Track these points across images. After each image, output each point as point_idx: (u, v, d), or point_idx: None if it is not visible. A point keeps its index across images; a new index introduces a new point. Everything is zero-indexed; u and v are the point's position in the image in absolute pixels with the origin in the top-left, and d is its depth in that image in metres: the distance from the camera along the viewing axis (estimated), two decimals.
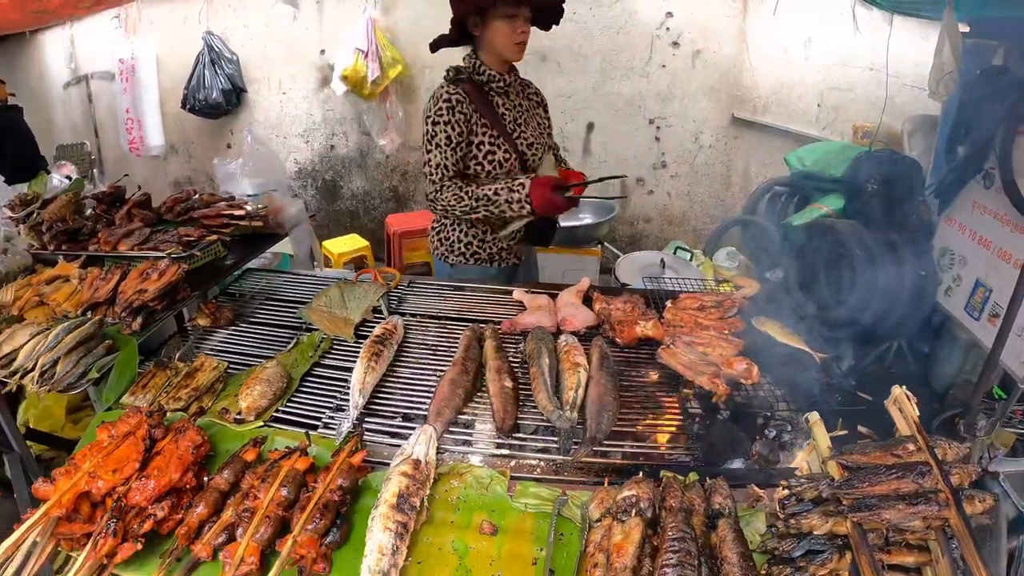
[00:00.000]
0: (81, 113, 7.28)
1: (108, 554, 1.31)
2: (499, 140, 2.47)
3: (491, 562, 1.32)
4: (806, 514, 1.21)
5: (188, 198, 2.92)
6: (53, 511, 1.33)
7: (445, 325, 2.36)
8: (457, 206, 2.41)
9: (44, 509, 1.33)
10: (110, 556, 1.31)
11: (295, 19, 5.70)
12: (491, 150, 2.46)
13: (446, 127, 2.38)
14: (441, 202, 2.44)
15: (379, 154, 6.04)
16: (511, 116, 2.53)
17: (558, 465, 1.62)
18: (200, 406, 1.87)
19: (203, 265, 2.61)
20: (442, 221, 2.79)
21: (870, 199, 3.50)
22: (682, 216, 5.52)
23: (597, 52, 5.07)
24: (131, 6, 6.08)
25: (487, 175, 2.49)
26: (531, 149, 2.57)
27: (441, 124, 2.38)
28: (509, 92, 2.53)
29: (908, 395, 1.37)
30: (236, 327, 2.40)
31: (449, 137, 2.38)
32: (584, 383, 1.84)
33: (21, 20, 2.32)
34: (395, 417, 1.83)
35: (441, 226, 2.79)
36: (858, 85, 4.10)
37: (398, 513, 1.32)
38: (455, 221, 2.70)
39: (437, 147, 2.40)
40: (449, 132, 2.38)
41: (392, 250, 5.38)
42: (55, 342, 1.91)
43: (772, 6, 4.41)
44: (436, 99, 2.42)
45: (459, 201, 2.40)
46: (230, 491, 1.47)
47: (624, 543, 1.22)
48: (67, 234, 2.74)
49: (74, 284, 2.37)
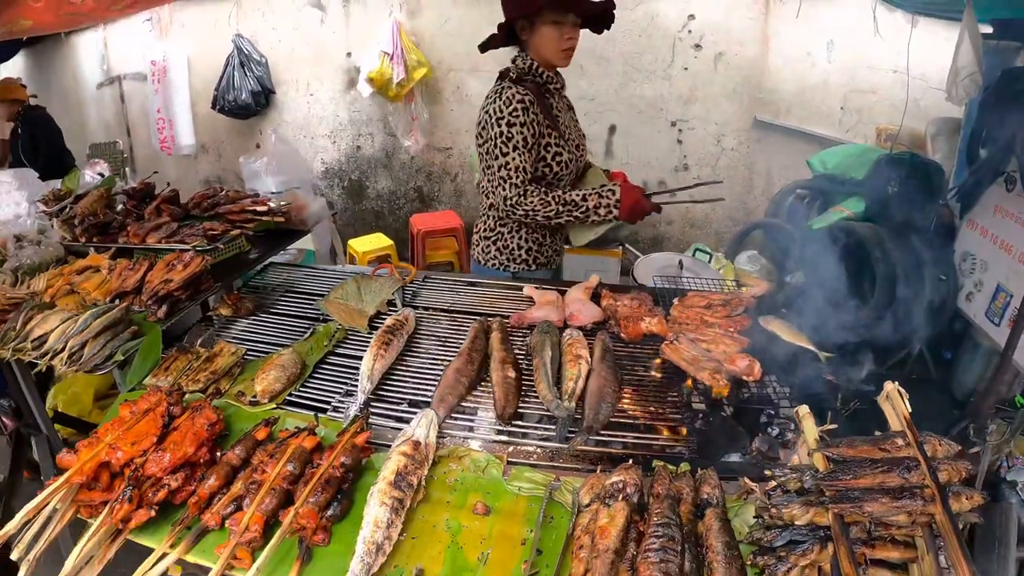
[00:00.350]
0: (114, 113, 7.55)
1: (123, 519, 1.39)
2: (561, 141, 2.45)
3: (481, 540, 1.37)
4: (787, 504, 1.23)
5: (215, 194, 3.03)
6: (75, 478, 1.42)
7: (456, 319, 2.42)
8: (542, 211, 2.37)
9: (66, 476, 1.42)
10: (125, 521, 1.39)
11: (322, 22, 5.84)
12: (558, 151, 2.44)
13: (523, 129, 2.32)
14: (524, 207, 2.38)
15: (404, 155, 6.14)
16: (563, 117, 2.53)
17: (554, 452, 1.66)
18: (217, 388, 1.96)
19: (228, 258, 2.71)
20: (498, 230, 2.69)
21: (890, 202, 3.47)
22: (704, 219, 5.50)
23: (619, 55, 5.09)
24: (163, 9, 6.29)
25: (554, 176, 2.48)
26: (578, 150, 2.59)
27: (518, 126, 2.32)
28: (556, 93, 2.54)
29: (900, 391, 1.38)
30: (256, 317, 2.50)
31: (526, 139, 2.33)
32: (584, 375, 1.87)
33: (55, 22, 2.43)
34: (401, 403, 1.90)
35: (498, 235, 2.69)
36: (882, 87, 4.06)
37: (395, 490, 1.38)
38: (516, 228, 2.65)
39: (515, 149, 2.33)
40: (526, 134, 2.33)
41: (416, 249, 5.47)
42: (84, 326, 2.02)
43: (795, 8, 4.39)
44: (508, 100, 2.33)
45: (545, 206, 2.36)
46: (241, 466, 1.55)
47: (608, 526, 1.26)
48: (98, 227, 2.88)
49: (104, 274, 2.48)
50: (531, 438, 1.74)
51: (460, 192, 6.19)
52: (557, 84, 2.49)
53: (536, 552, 1.33)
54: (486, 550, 1.35)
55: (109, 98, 7.55)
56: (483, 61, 5.37)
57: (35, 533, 1.37)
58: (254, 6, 6.04)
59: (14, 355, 2.08)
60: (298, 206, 3.15)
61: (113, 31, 7.05)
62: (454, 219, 5.63)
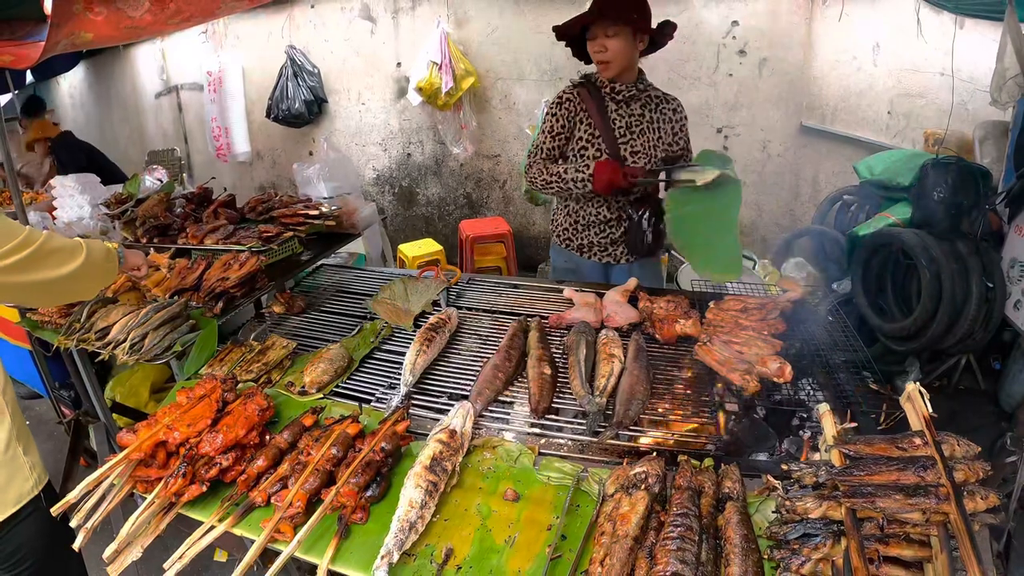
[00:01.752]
0: (171, 121, 7.93)
1: (177, 492, 1.52)
2: (598, 140, 2.68)
3: (510, 524, 1.46)
4: (801, 497, 1.27)
5: (269, 199, 3.20)
6: (133, 455, 1.56)
7: (498, 319, 2.53)
8: (537, 179, 2.74)
9: (126, 452, 1.56)
10: (178, 495, 1.53)
11: (372, 33, 6.05)
12: (584, 146, 2.70)
13: (551, 118, 2.73)
14: (529, 174, 2.78)
15: (453, 162, 6.28)
16: (623, 123, 2.69)
17: (584, 445, 1.74)
18: (268, 378, 2.10)
19: (281, 259, 2.89)
20: (556, 204, 3.07)
21: (937, 208, 3.41)
22: (751, 226, 5.45)
23: (664, 62, 5.10)
24: (218, 22, 6.59)
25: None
26: (634, 156, 2.70)
27: (549, 115, 2.74)
28: (630, 102, 2.70)
29: (921, 391, 1.40)
30: (307, 315, 2.66)
31: (552, 126, 2.72)
32: (617, 373, 1.95)
33: (115, 35, 2.58)
34: (441, 396, 2.01)
35: (555, 209, 3.07)
36: (929, 91, 3.98)
37: (430, 473, 1.48)
38: (561, 205, 2.98)
39: (541, 132, 2.78)
40: (553, 123, 2.72)
41: (464, 255, 5.59)
42: (145, 319, 2.21)
43: (838, 12, 4.33)
44: (556, 95, 2.75)
45: (539, 175, 2.72)
46: (288, 449, 1.67)
47: (629, 513, 1.33)
48: (158, 229, 3.09)
49: (163, 272, 2.67)
50: (563, 432, 1.82)
51: (508, 199, 6.30)
52: (620, 93, 2.65)
53: (560, 537, 1.41)
54: (513, 534, 1.43)
55: (167, 107, 7.95)
56: (529, 70, 5.53)
57: (94, 504, 1.51)
58: (306, 18, 6.29)
59: (78, 345, 2.29)
60: (349, 210, 3.31)
61: (170, 43, 7.44)
62: (502, 225, 5.74)
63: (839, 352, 2.18)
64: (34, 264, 1.59)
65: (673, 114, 2.78)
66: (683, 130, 2.82)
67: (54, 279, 1.65)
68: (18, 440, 1.81)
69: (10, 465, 1.78)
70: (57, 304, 2.47)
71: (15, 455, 1.79)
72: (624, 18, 2.47)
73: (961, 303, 3.22)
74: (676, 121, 2.79)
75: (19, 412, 1.87)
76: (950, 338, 3.34)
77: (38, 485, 1.86)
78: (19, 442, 1.81)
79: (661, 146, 2.76)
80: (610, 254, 2.90)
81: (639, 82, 2.70)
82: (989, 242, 3.29)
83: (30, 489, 1.83)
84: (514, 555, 1.38)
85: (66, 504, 1.50)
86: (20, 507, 1.79)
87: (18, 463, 1.80)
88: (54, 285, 1.67)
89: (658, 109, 2.75)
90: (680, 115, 2.80)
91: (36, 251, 1.58)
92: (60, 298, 2.08)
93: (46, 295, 1.82)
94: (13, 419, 1.80)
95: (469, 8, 5.61)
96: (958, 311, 3.23)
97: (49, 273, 1.64)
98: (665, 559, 1.23)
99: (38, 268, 1.60)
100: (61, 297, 2.01)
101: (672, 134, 2.79)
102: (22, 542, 1.83)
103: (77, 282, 1.75)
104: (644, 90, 2.71)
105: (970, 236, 3.31)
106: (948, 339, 3.35)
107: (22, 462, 1.81)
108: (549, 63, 5.42)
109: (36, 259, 1.59)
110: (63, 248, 1.68)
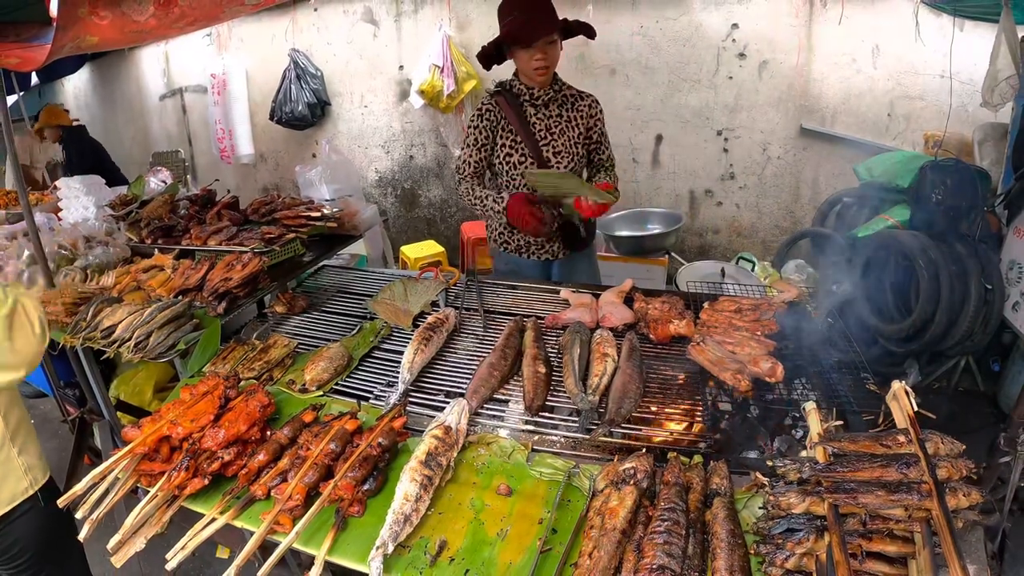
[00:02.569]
0: (175, 123, 7.99)
1: (180, 486, 1.56)
2: (520, 145, 2.77)
3: (502, 518, 1.49)
4: (785, 493, 1.29)
5: (271, 201, 3.24)
6: (138, 449, 1.60)
7: (495, 319, 2.56)
8: (465, 198, 2.85)
9: (131, 447, 1.60)
10: (181, 488, 1.56)
11: (375, 37, 6.09)
12: (509, 152, 2.79)
13: (474, 131, 2.79)
14: (459, 191, 2.88)
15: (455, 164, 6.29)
16: (542, 125, 2.78)
17: (576, 442, 1.77)
18: (270, 376, 2.14)
19: (283, 260, 2.91)
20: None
21: (935, 210, 3.43)
22: (751, 228, 5.47)
23: (664, 64, 5.13)
24: (222, 25, 6.64)
25: (506, 172, 2.84)
26: (557, 156, 2.79)
27: (471, 128, 2.81)
28: (549, 104, 2.77)
29: (907, 390, 1.43)
30: (308, 314, 2.70)
31: (476, 139, 2.79)
32: (610, 372, 1.98)
33: (120, 39, 2.61)
34: (438, 394, 2.04)
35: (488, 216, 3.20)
36: (929, 93, 4.00)
37: (425, 468, 1.51)
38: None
39: (466, 146, 2.84)
40: (476, 135, 2.79)
41: (466, 256, 5.61)
42: (149, 318, 2.24)
43: (837, 15, 4.36)
44: (476, 107, 2.81)
45: (467, 195, 2.82)
46: (288, 445, 1.71)
47: (617, 507, 1.36)
48: (163, 230, 3.13)
49: (167, 273, 2.71)
50: (557, 429, 1.84)
51: None
52: (539, 98, 2.74)
53: (551, 531, 1.44)
54: (505, 527, 1.46)
55: (171, 109, 8.02)
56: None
57: (98, 497, 1.55)
58: (309, 22, 6.34)
59: (84, 343, 2.31)
60: (350, 212, 3.35)
61: (174, 46, 7.50)
62: None
63: (833, 353, 2.20)
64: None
65: (588, 109, 2.86)
66: (597, 124, 2.91)
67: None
68: (12, 441, 1.85)
69: (4, 466, 1.82)
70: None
71: (8, 456, 1.84)
72: (558, 24, 2.58)
73: (960, 305, 3.23)
74: (591, 116, 2.87)
75: (17, 412, 1.90)
76: (949, 340, 3.35)
77: (35, 485, 1.90)
78: (13, 443, 1.85)
79: (581, 143, 2.85)
80: (548, 251, 2.98)
81: (555, 84, 2.77)
82: (988, 244, 3.31)
83: (24, 489, 1.86)
84: (506, 548, 1.41)
85: (72, 495, 1.54)
86: (13, 507, 1.84)
87: (11, 465, 1.84)
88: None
89: (574, 107, 2.83)
90: (595, 110, 2.89)
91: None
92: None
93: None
94: (6, 420, 1.83)
95: (471, 11, 5.64)
96: (957, 313, 3.25)
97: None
98: (652, 552, 1.26)
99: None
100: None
101: (587, 128, 2.87)
102: (17, 538, 1.87)
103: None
104: (560, 91, 2.80)
105: (969, 238, 3.33)
106: (947, 341, 3.37)
107: (16, 464, 1.85)
108: (564, 67, 5.40)
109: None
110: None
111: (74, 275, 2.84)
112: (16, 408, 1.91)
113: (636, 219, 5.03)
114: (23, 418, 1.94)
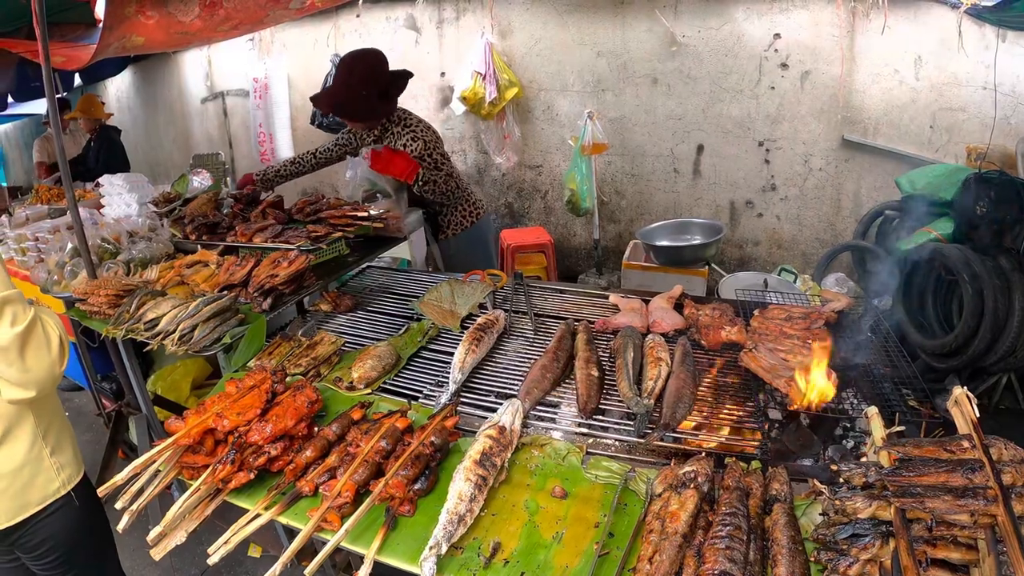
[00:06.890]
0: (217, 126, 8.13)
1: (224, 479, 1.55)
2: None
3: (557, 521, 1.49)
4: (851, 497, 1.27)
5: (317, 201, 3.28)
6: (182, 440, 1.60)
7: (545, 322, 2.58)
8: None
9: (174, 438, 1.60)
10: (226, 481, 1.55)
11: (417, 43, 6.16)
12: None
13: None
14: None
15: (496, 171, 6.35)
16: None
17: (631, 446, 1.78)
18: (317, 372, 2.15)
19: (328, 260, 2.95)
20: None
21: (979, 223, 3.37)
22: (791, 240, 5.42)
23: (706, 75, 5.12)
24: (264, 30, 6.74)
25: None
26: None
27: None
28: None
29: (969, 396, 1.41)
30: (354, 314, 2.74)
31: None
32: (664, 376, 1.99)
33: (165, 41, 2.65)
34: (489, 395, 2.07)
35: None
36: (971, 105, 3.94)
37: (480, 468, 1.51)
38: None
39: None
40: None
41: (505, 263, 5.62)
42: (195, 311, 2.25)
43: (880, 25, 4.32)
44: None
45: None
46: (336, 442, 1.71)
47: (678, 511, 1.35)
48: (207, 227, 3.18)
49: (212, 269, 2.74)
50: (609, 432, 1.86)
51: (550, 209, 6.34)
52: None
53: (608, 534, 1.44)
54: (561, 530, 1.46)
55: (212, 112, 8.16)
56: (572, 81, 5.59)
57: (139, 488, 1.54)
58: (352, 28, 6.43)
59: (127, 335, 2.32)
60: (395, 215, 3.37)
61: (217, 50, 7.65)
62: (543, 235, 5.77)
63: (883, 365, 2.17)
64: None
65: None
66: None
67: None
68: (45, 440, 1.78)
69: (34, 465, 1.76)
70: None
71: (39, 456, 1.77)
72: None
73: (1004, 320, 3.18)
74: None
75: (51, 410, 1.84)
76: (992, 356, 3.30)
77: (67, 484, 1.84)
78: (46, 442, 1.79)
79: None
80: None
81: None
82: None
83: (56, 490, 1.81)
84: (562, 551, 1.40)
85: (113, 486, 1.52)
86: (44, 506, 1.79)
87: (43, 464, 1.78)
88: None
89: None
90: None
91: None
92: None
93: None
94: (39, 418, 1.78)
95: (513, 20, 5.70)
96: (1000, 328, 3.20)
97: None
98: (714, 557, 1.25)
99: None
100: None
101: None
102: (47, 536, 1.83)
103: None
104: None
105: (1013, 251, 3.28)
106: (990, 357, 3.31)
107: (47, 464, 1.79)
108: (592, 75, 5.45)
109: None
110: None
111: (117, 268, 2.88)
112: (49, 405, 1.83)
113: (676, 229, 5.02)
114: (56, 415, 1.87)
